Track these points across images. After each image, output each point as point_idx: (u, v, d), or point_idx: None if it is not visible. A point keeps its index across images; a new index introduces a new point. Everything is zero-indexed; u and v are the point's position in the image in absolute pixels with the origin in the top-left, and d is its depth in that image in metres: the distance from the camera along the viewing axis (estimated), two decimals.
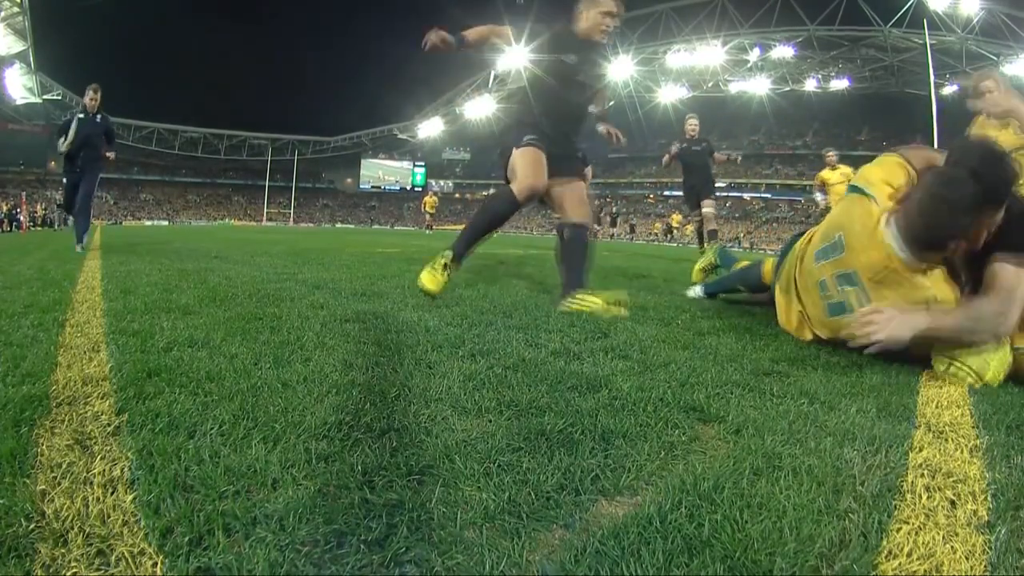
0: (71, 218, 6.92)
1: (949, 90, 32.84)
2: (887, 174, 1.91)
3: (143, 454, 0.94)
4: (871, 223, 1.84)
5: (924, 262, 1.74)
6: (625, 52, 43.81)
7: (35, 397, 1.17)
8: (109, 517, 0.77)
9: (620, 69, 44.21)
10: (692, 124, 7.77)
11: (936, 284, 1.74)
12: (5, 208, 25.58)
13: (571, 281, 2.63)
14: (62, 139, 6.20)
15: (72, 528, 0.74)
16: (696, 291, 3.28)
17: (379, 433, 1.06)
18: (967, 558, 0.78)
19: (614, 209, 45.20)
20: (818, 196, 8.90)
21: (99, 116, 6.30)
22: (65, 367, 1.41)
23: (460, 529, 0.78)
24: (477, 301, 2.62)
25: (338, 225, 48.85)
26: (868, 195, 1.90)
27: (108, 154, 6.40)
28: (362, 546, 0.72)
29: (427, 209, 24.67)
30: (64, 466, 0.90)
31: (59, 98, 46.07)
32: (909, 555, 0.77)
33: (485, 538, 0.76)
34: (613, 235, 34.44)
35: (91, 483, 0.85)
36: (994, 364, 1.67)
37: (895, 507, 0.89)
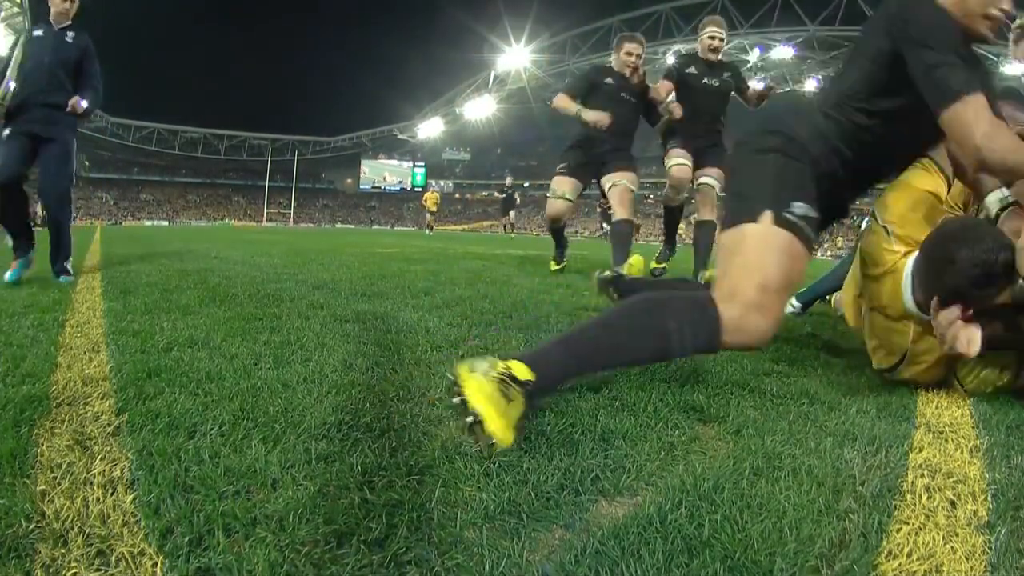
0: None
1: None
2: (910, 206, 1.61)
3: (143, 454, 0.94)
4: (889, 259, 1.56)
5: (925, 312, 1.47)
6: None
7: (35, 397, 1.17)
8: (109, 517, 0.77)
9: None
10: (712, 33, 3.90)
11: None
12: None
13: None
14: None
15: (72, 528, 0.74)
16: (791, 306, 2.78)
17: (379, 433, 1.06)
18: (967, 558, 0.78)
19: None
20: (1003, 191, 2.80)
21: (71, 33, 3.15)
22: (65, 367, 1.41)
23: (460, 529, 0.78)
24: (477, 301, 2.62)
25: (338, 225, 48.80)
26: (883, 227, 1.60)
27: (75, 102, 2.99)
28: (362, 546, 0.72)
29: (428, 206, 22.26)
30: (64, 466, 0.90)
31: None
32: (909, 555, 0.77)
33: (485, 538, 0.76)
34: None
35: (91, 483, 0.85)
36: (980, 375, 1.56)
37: (895, 507, 0.89)
